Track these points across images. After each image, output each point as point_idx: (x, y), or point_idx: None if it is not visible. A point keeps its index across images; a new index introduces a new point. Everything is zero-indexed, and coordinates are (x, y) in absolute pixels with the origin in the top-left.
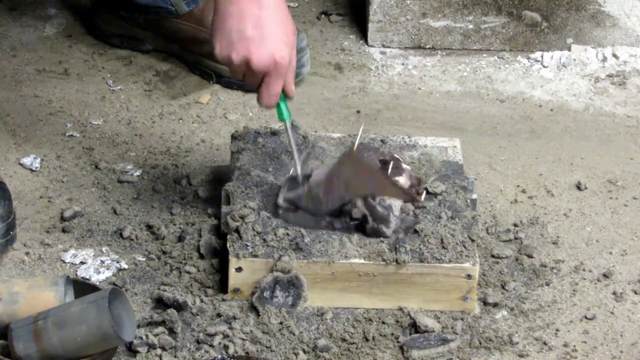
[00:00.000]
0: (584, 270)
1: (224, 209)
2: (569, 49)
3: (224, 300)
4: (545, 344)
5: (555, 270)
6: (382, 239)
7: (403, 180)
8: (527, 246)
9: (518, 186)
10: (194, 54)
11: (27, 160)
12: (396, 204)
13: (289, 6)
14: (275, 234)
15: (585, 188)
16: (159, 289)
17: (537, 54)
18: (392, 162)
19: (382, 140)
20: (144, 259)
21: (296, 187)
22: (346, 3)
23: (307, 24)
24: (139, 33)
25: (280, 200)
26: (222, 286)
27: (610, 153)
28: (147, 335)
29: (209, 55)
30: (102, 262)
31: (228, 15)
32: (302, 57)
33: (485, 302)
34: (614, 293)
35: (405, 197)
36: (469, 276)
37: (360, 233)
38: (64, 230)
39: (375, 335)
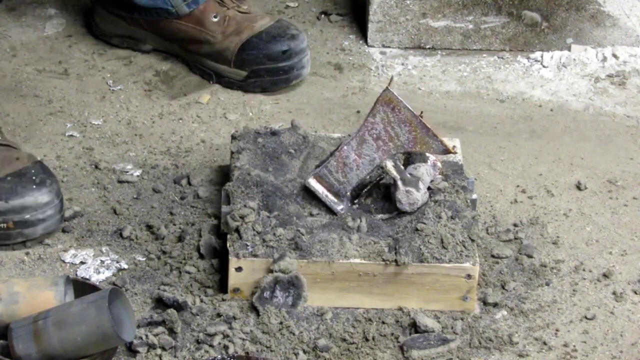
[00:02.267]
0: (584, 270)
1: (224, 209)
2: (569, 49)
3: (224, 300)
4: (545, 344)
5: (555, 270)
6: (396, 219)
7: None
8: (527, 246)
9: (518, 186)
10: (194, 54)
11: None
12: (425, 178)
13: (288, 6)
14: (275, 234)
15: (585, 188)
16: (159, 289)
17: (537, 54)
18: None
19: None
20: (144, 259)
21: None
22: (346, 3)
23: (307, 24)
24: (139, 33)
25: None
26: (222, 286)
27: (610, 153)
28: (147, 335)
29: (209, 55)
30: (102, 262)
31: None
32: (303, 59)
33: (485, 302)
34: (614, 293)
35: (442, 149)
36: (469, 276)
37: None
38: (64, 230)
39: (375, 335)
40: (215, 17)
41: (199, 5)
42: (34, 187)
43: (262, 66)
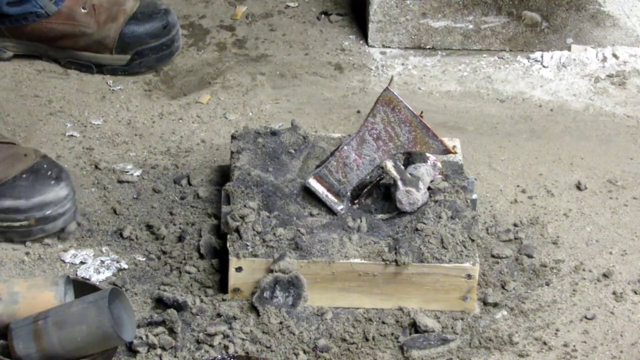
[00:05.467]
0: (584, 270)
1: (224, 209)
2: (569, 49)
3: (224, 300)
4: (545, 344)
5: (555, 270)
6: (395, 219)
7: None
8: (527, 246)
9: (518, 186)
10: (67, 50)
11: None
12: (425, 178)
13: (288, 6)
14: (275, 234)
15: (585, 188)
16: (159, 289)
17: (537, 54)
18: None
19: None
20: (144, 259)
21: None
22: (346, 3)
23: (307, 24)
24: None
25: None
26: (222, 286)
27: (610, 153)
28: (147, 335)
29: (86, 47)
30: (102, 262)
31: None
32: (178, 30)
33: (485, 302)
34: (614, 293)
35: (442, 149)
36: (469, 276)
37: (387, 202)
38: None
39: (375, 335)
40: (83, 8)
41: (64, 1)
42: (52, 182)
43: (146, 46)
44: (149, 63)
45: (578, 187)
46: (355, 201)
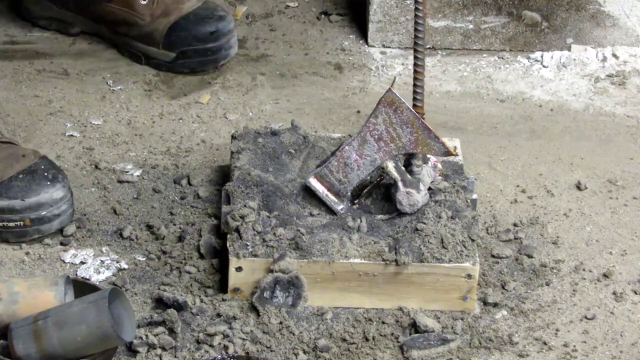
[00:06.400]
0: (584, 270)
1: (224, 208)
2: (569, 49)
3: (224, 300)
4: (545, 344)
5: (555, 270)
6: (396, 220)
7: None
8: (527, 246)
9: (518, 186)
10: (122, 36)
11: None
12: (425, 179)
13: (288, 6)
14: (275, 234)
15: (585, 188)
16: (159, 289)
17: (537, 54)
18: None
19: None
20: (144, 259)
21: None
22: (346, 3)
23: (307, 24)
24: (67, 16)
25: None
26: (222, 286)
27: (610, 153)
28: (147, 335)
29: (137, 37)
30: (102, 262)
31: None
32: (230, 40)
33: (485, 302)
34: (614, 293)
35: (443, 150)
36: (469, 276)
37: (387, 203)
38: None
39: (375, 335)
40: None
41: None
42: (48, 183)
43: (190, 47)
44: (192, 65)
45: (578, 187)
46: (356, 201)
